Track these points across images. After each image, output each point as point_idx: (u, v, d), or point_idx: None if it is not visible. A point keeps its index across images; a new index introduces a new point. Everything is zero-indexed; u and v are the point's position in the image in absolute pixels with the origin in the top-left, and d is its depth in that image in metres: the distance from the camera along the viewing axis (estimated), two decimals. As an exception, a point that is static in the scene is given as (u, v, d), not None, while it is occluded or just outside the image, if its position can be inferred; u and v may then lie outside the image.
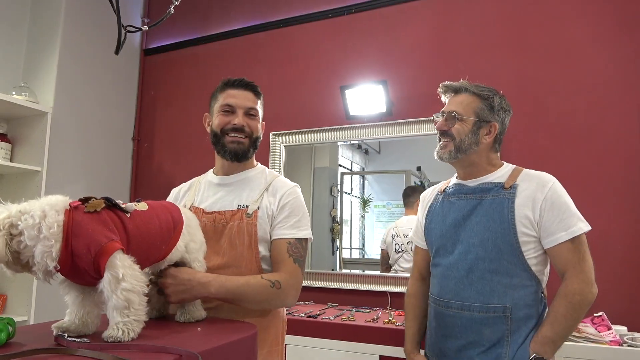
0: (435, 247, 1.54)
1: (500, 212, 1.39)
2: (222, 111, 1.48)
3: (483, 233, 1.40)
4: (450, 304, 1.44)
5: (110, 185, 3.43)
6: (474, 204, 1.45)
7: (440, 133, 1.52)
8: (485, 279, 1.39)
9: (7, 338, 0.92)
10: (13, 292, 2.78)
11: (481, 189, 1.46)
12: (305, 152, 3.15)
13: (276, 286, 1.33)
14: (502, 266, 1.38)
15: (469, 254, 1.42)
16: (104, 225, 1.00)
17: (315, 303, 2.74)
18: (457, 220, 1.47)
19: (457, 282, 1.44)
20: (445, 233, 1.49)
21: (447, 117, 1.49)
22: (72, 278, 0.99)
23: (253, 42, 3.31)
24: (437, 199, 1.59)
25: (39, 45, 3.13)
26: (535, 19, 2.53)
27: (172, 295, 1.21)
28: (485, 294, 1.39)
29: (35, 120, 2.89)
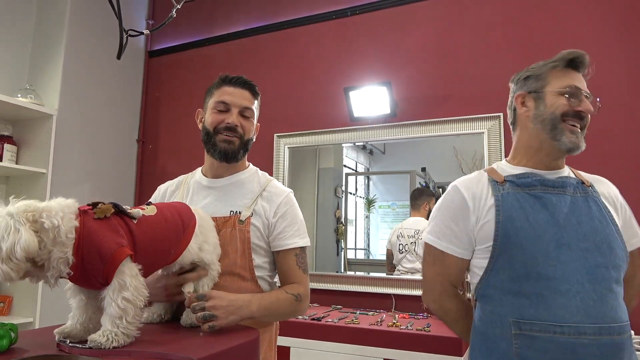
0: (529, 253, 1.14)
1: (599, 211, 1.19)
2: (216, 108, 1.42)
3: (594, 235, 1.15)
4: (585, 330, 1.06)
5: (115, 187, 3.44)
6: (567, 201, 1.19)
7: (582, 117, 1.26)
8: (613, 290, 1.12)
9: (10, 344, 0.92)
10: (18, 294, 2.79)
11: (562, 183, 1.22)
12: (309, 153, 3.15)
13: (299, 299, 1.35)
14: (619, 274, 1.16)
15: (586, 262, 1.12)
16: (114, 231, 1.00)
17: (319, 305, 2.73)
18: (554, 219, 1.16)
19: (584, 299, 1.09)
20: (542, 235, 1.14)
21: (594, 102, 1.29)
22: (80, 282, 0.99)
23: (257, 43, 3.31)
24: (502, 191, 1.23)
25: (44, 48, 3.14)
26: (539, 20, 2.51)
27: (222, 318, 1.14)
28: (616, 310, 1.11)
29: (40, 123, 2.90)
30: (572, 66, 1.29)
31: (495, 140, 2.49)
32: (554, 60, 1.31)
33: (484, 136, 2.53)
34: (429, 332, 2.01)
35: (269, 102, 3.11)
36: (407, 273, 2.74)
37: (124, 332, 0.95)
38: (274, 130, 3.10)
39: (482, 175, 1.30)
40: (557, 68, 1.30)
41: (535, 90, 1.29)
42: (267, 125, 3.05)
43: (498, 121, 2.50)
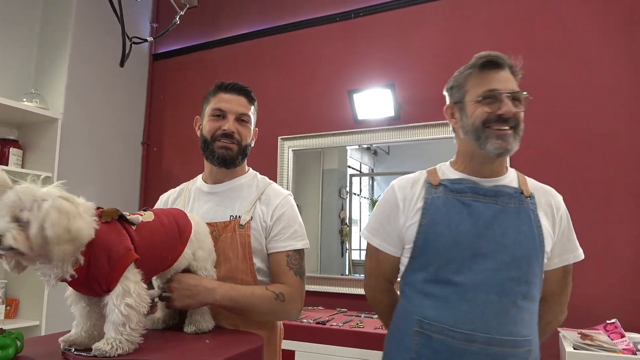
0: (445, 258, 1.18)
1: (529, 224, 1.18)
2: (213, 115, 1.43)
3: (514, 248, 1.14)
4: (474, 337, 1.11)
5: (120, 190, 3.45)
6: (495, 211, 1.18)
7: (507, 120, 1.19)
8: (518, 305, 1.14)
9: (16, 352, 0.93)
10: (25, 297, 2.81)
11: (497, 192, 1.21)
12: (313, 155, 3.15)
13: (280, 298, 1.32)
14: (531, 290, 1.16)
15: (500, 273, 1.14)
16: (121, 235, 1.01)
17: (324, 308, 2.73)
18: (477, 228, 1.17)
19: (486, 309, 1.12)
20: (461, 242, 1.17)
21: (520, 98, 1.22)
22: (79, 288, 0.98)
23: (261, 46, 3.32)
24: (433, 194, 1.25)
25: (49, 52, 3.16)
26: (546, 21, 2.50)
27: (177, 300, 1.19)
28: (516, 325, 1.13)
29: (45, 127, 2.92)
30: (489, 67, 1.23)
31: (500, 142, 2.48)
32: (469, 66, 1.28)
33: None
34: (434, 336, 2.00)
35: (273, 105, 3.12)
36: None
37: (127, 339, 0.95)
38: (278, 133, 3.10)
39: (422, 175, 1.33)
40: (473, 74, 1.26)
41: (459, 101, 1.28)
42: (271, 128, 3.07)
43: (503, 123, 2.49)
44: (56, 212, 0.86)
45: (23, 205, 0.86)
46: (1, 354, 0.90)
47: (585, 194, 2.26)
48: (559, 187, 1.31)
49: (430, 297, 1.19)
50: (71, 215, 0.88)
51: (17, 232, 0.85)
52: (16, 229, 0.85)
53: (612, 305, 2.13)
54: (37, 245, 0.85)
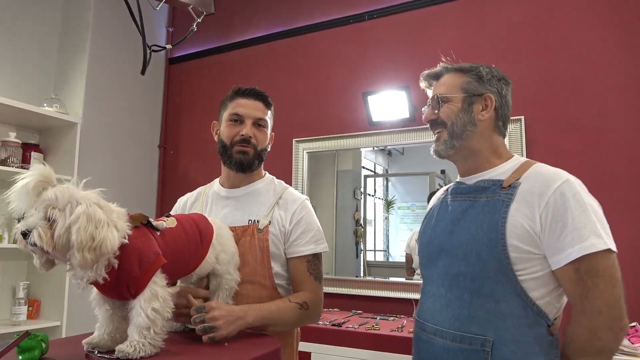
0: (420, 256, 1.31)
1: (491, 217, 1.10)
2: (230, 120, 1.44)
3: (468, 243, 1.12)
4: (425, 327, 1.19)
5: (137, 192, 3.50)
6: (465, 207, 1.18)
7: (430, 126, 1.27)
8: (464, 300, 1.10)
9: (41, 354, 0.95)
10: (46, 298, 2.86)
11: (477, 187, 1.19)
12: (328, 156, 3.15)
13: (304, 307, 1.35)
14: (486, 286, 1.08)
15: (451, 268, 1.15)
16: (149, 239, 1.03)
17: (339, 310, 2.73)
18: (446, 226, 1.20)
19: (434, 301, 1.18)
20: (432, 240, 1.24)
21: (432, 104, 1.25)
22: (107, 291, 1.00)
23: (275, 49, 3.34)
24: (439, 200, 1.33)
25: (68, 59, 3.22)
26: (561, 21, 2.47)
27: (223, 327, 1.14)
28: (462, 320, 1.10)
29: (65, 131, 2.98)
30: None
31: (517, 143, 2.46)
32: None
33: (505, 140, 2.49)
34: (451, 338, 1.99)
35: (288, 108, 3.14)
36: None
37: (150, 342, 0.97)
38: (292, 136, 3.12)
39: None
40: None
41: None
42: (286, 130, 3.08)
43: (519, 124, 2.47)
44: (85, 218, 0.88)
45: (57, 205, 0.88)
46: (27, 355, 0.92)
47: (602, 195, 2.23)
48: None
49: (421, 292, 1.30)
50: (99, 224, 0.89)
51: (44, 230, 0.87)
52: (44, 227, 0.87)
53: (633, 309, 2.09)
54: (60, 247, 0.88)
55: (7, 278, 2.86)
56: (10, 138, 2.71)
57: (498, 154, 1.22)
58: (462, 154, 1.23)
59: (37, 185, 0.90)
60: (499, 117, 1.23)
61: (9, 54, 2.99)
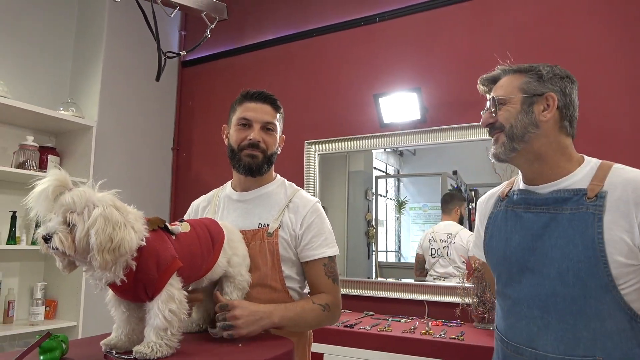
0: (497, 272, 1.24)
1: (583, 232, 1.04)
2: (239, 124, 1.44)
3: (561, 261, 1.06)
4: (522, 351, 1.12)
5: (151, 194, 3.55)
6: (546, 220, 1.11)
7: (488, 130, 1.22)
8: (567, 322, 1.05)
9: (61, 355, 0.98)
10: (63, 299, 2.92)
11: (555, 198, 1.11)
12: (339, 157, 3.16)
13: (327, 309, 1.36)
14: (589, 306, 1.03)
15: (543, 288, 1.09)
16: (165, 242, 1.05)
17: (351, 311, 2.74)
18: (525, 242, 1.14)
19: (529, 324, 1.11)
20: (510, 256, 1.17)
21: (490, 106, 1.20)
22: (123, 293, 1.02)
23: (287, 51, 3.36)
24: (498, 207, 1.26)
25: (83, 64, 3.29)
26: (569, 22, 2.46)
27: (243, 327, 1.18)
28: (567, 343, 1.05)
29: (81, 134, 3.03)
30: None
31: (529, 144, 2.45)
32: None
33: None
34: (463, 340, 1.99)
35: (299, 109, 3.16)
36: (440, 278, 2.72)
37: (167, 343, 0.99)
38: (304, 137, 3.13)
39: (500, 188, 1.32)
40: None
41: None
42: (298, 132, 3.10)
43: (531, 125, 2.46)
44: (103, 220, 0.90)
45: (75, 208, 0.91)
46: (49, 356, 0.95)
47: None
48: None
49: (499, 307, 1.24)
50: (117, 225, 0.91)
51: (65, 234, 0.90)
52: (64, 231, 0.90)
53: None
54: (81, 250, 0.90)
55: (25, 279, 2.92)
56: (28, 142, 2.77)
57: (567, 155, 1.15)
58: (526, 158, 1.16)
59: (55, 190, 0.92)
60: (564, 117, 1.16)
61: (26, 60, 3.05)
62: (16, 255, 2.88)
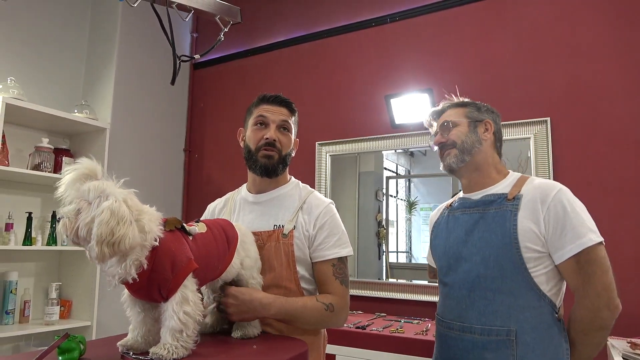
0: (439, 265, 1.49)
1: (502, 225, 1.30)
2: (255, 124, 1.47)
3: (485, 249, 1.32)
4: (452, 325, 1.36)
5: (164, 195, 3.58)
6: (476, 218, 1.38)
7: (440, 149, 1.49)
8: (487, 298, 1.30)
9: (79, 355, 0.99)
10: (77, 299, 2.95)
11: (484, 201, 1.39)
12: (350, 158, 3.16)
13: (330, 309, 1.35)
14: (505, 285, 1.28)
15: (471, 272, 1.34)
16: (182, 243, 1.06)
17: (363, 312, 2.74)
18: (460, 236, 1.40)
19: (458, 302, 1.36)
20: (448, 250, 1.43)
21: (442, 129, 1.48)
22: (138, 293, 1.03)
23: (297, 53, 3.37)
24: (442, 215, 1.54)
25: (96, 66, 3.33)
26: (586, 21, 2.43)
27: (234, 315, 1.24)
28: (487, 315, 1.29)
29: (95, 136, 3.07)
30: None
31: (543, 145, 2.43)
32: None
33: (530, 141, 2.47)
34: (476, 342, 1.98)
35: (310, 111, 3.16)
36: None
37: (183, 345, 0.99)
38: (315, 139, 3.14)
39: (448, 202, 1.57)
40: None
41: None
42: (309, 133, 3.11)
43: (545, 126, 2.44)
44: (109, 212, 0.91)
45: (88, 197, 0.92)
46: (67, 356, 0.96)
47: (633, 197, 2.19)
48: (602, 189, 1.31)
49: (440, 295, 1.49)
50: (122, 221, 0.91)
51: (70, 220, 0.92)
52: (72, 217, 0.92)
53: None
54: (82, 238, 0.92)
55: (41, 279, 2.96)
56: (43, 144, 2.81)
57: (498, 169, 1.46)
58: (468, 168, 1.45)
59: (79, 177, 0.94)
60: (497, 139, 1.48)
61: (41, 63, 3.10)
62: (32, 255, 2.92)
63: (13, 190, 2.85)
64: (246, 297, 1.25)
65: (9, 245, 2.63)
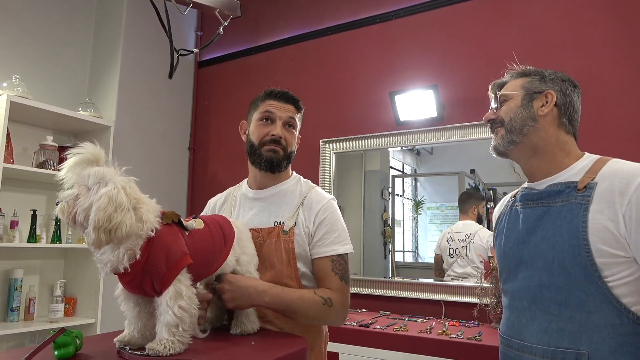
0: (500, 270, 1.27)
1: (570, 222, 1.05)
2: (261, 119, 1.45)
3: (548, 252, 1.08)
4: (512, 343, 1.14)
5: (168, 193, 3.58)
6: (540, 214, 1.13)
7: (490, 126, 1.28)
8: (552, 313, 1.06)
9: (75, 350, 0.98)
10: (82, 296, 2.96)
11: (549, 192, 1.13)
12: (355, 157, 3.14)
13: (327, 303, 1.32)
14: (574, 297, 1.03)
15: (532, 280, 1.11)
16: (178, 237, 1.05)
17: (367, 311, 2.72)
18: (520, 236, 1.16)
19: (518, 316, 1.14)
20: (507, 252, 1.20)
21: (495, 104, 1.28)
22: (130, 285, 1.02)
23: (302, 50, 3.35)
24: (506, 209, 1.29)
25: (101, 65, 3.33)
26: (592, 17, 2.39)
27: (228, 300, 1.23)
28: (551, 334, 1.05)
29: (99, 134, 3.07)
30: None
31: (549, 141, 2.39)
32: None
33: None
34: (480, 341, 1.95)
35: (315, 108, 3.15)
36: (458, 278, 2.68)
37: (179, 340, 0.98)
38: (319, 136, 3.12)
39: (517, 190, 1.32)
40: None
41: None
42: (313, 130, 3.09)
43: (551, 122, 2.40)
44: (107, 199, 0.90)
45: (88, 183, 0.92)
46: (63, 351, 0.96)
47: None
48: None
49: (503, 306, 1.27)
50: (120, 208, 0.91)
51: (69, 205, 0.92)
52: (71, 202, 0.92)
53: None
54: (79, 223, 0.92)
55: (46, 276, 2.97)
56: (47, 142, 2.82)
57: (566, 151, 1.17)
58: (524, 151, 1.20)
59: (81, 162, 0.94)
60: (563, 114, 1.18)
61: (46, 61, 3.11)
62: (36, 253, 2.94)
63: (18, 188, 2.86)
64: (241, 283, 1.24)
65: (14, 243, 2.64)
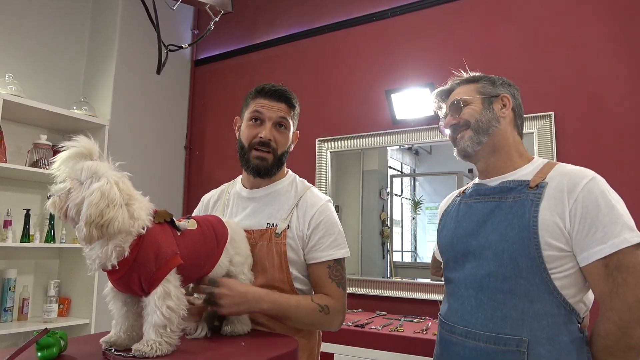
0: (444, 260, 1.32)
1: (521, 216, 1.11)
2: (251, 119, 1.38)
3: (498, 244, 1.12)
4: (455, 329, 1.19)
5: (164, 193, 3.56)
6: (491, 207, 1.19)
7: (452, 132, 1.29)
8: (497, 301, 1.11)
9: (59, 351, 0.96)
10: (76, 296, 2.94)
11: (502, 188, 1.20)
12: (353, 156, 3.13)
13: (325, 311, 1.29)
14: (520, 286, 1.09)
15: (480, 269, 1.15)
16: (169, 237, 1.03)
17: (363, 311, 2.70)
18: (470, 228, 1.21)
19: (463, 303, 1.18)
20: (456, 242, 1.25)
21: (452, 110, 1.28)
22: (119, 283, 0.99)
23: (298, 48, 3.33)
24: (454, 202, 1.35)
25: (96, 63, 3.31)
26: (591, 14, 2.37)
27: (225, 306, 1.16)
28: (495, 321, 1.10)
29: (94, 133, 3.04)
30: None
31: (546, 140, 2.38)
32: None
33: (533, 137, 2.42)
34: (477, 341, 1.93)
35: (311, 107, 3.13)
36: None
37: (167, 341, 0.96)
38: (315, 135, 3.10)
39: (462, 188, 1.39)
40: None
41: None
42: (309, 129, 3.07)
43: (549, 120, 2.39)
44: (99, 194, 0.88)
45: (80, 177, 0.90)
46: (46, 353, 0.93)
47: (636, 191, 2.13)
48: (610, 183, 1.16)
49: (444, 294, 1.33)
50: (112, 203, 0.89)
51: (61, 199, 0.90)
52: (63, 196, 0.90)
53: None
54: (70, 218, 0.90)
55: (39, 276, 2.95)
56: (41, 140, 2.80)
57: (519, 152, 1.26)
58: (486, 151, 1.25)
59: (74, 155, 0.93)
60: (517, 117, 1.28)
61: (40, 59, 3.09)
62: (30, 253, 2.91)
63: (11, 187, 2.84)
64: (240, 289, 1.19)
65: (7, 242, 2.62)
